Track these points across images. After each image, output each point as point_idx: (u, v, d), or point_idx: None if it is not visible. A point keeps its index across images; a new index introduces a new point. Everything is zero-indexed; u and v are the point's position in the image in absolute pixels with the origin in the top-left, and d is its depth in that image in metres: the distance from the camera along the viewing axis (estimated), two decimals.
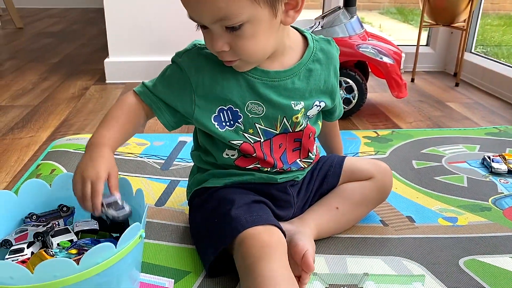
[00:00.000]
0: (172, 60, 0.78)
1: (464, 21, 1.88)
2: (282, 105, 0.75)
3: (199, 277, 0.77)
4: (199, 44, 0.77)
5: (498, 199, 1.03)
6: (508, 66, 1.87)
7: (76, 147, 1.23)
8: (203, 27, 0.68)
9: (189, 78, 0.74)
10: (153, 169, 1.15)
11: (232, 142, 0.76)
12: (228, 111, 0.75)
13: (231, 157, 0.80)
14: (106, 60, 1.94)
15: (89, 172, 0.67)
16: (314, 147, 0.87)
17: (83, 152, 0.72)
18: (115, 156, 0.73)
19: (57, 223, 0.76)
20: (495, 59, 1.98)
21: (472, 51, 2.11)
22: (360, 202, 0.88)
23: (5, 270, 0.55)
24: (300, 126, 0.79)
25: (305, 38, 0.80)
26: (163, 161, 1.18)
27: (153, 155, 1.21)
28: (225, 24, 0.65)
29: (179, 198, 1.02)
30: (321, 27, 1.50)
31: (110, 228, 0.77)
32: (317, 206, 0.88)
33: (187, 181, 0.90)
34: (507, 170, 1.15)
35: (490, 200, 1.03)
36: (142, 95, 0.78)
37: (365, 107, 1.61)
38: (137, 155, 1.21)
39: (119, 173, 1.10)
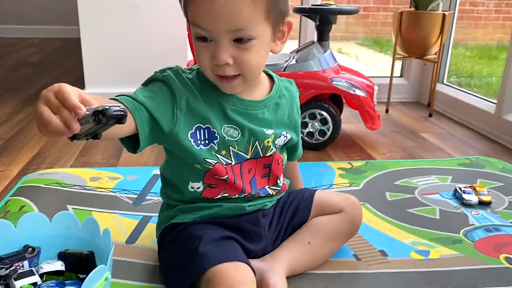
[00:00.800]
0: (153, 78, 0.76)
1: (436, 53, 1.94)
2: (254, 129, 0.78)
3: None
4: (179, 68, 0.77)
5: (469, 231, 1.04)
6: (478, 97, 1.93)
7: (48, 182, 1.20)
8: (204, 40, 0.69)
9: (174, 91, 0.73)
10: (125, 204, 1.13)
11: (206, 160, 0.76)
12: (206, 130, 0.76)
13: (197, 190, 0.80)
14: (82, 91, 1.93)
15: (48, 89, 0.55)
16: (282, 176, 0.88)
17: (55, 187, 0.70)
18: (85, 191, 0.72)
19: (21, 265, 0.74)
20: (466, 90, 2.04)
21: (445, 82, 2.17)
22: (331, 236, 0.88)
23: None
24: (271, 151, 0.82)
25: (269, 76, 0.85)
26: (135, 196, 1.17)
27: (125, 190, 1.20)
28: (238, 35, 0.68)
29: (151, 235, 1.00)
30: (296, 61, 1.53)
31: (77, 269, 0.76)
32: (289, 242, 0.87)
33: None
34: (478, 201, 1.16)
35: (461, 232, 1.04)
36: (125, 101, 0.69)
37: (340, 138, 1.63)
38: (110, 189, 1.20)
39: (90, 209, 1.09)
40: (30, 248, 0.76)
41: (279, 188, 0.87)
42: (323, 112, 1.50)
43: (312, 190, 0.93)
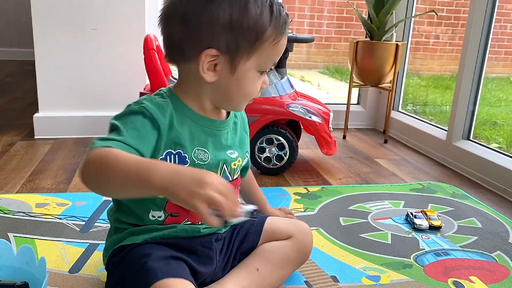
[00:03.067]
0: (131, 111, 0.72)
1: (390, 82, 2.00)
2: (222, 153, 0.79)
3: None
4: (151, 95, 0.77)
5: (420, 256, 1.05)
6: (431, 124, 1.99)
7: None
8: (263, 72, 0.78)
9: (158, 123, 0.72)
10: (71, 231, 1.08)
11: None
12: (176, 155, 0.75)
13: (158, 218, 0.77)
14: (36, 115, 1.88)
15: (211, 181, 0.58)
16: None
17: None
18: (30, 218, 0.68)
19: None
20: (419, 118, 2.11)
21: (399, 109, 2.24)
22: (281, 263, 0.87)
23: None
24: (237, 173, 0.83)
25: None
26: (83, 223, 1.12)
27: (73, 217, 1.15)
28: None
29: (97, 264, 0.96)
30: None
31: None
32: (237, 269, 0.85)
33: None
34: (428, 226, 1.18)
35: (412, 257, 1.05)
36: (118, 146, 0.65)
37: (298, 163, 1.63)
38: (56, 216, 1.15)
39: (33, 237, 1.04)
40: None
41: None
42: (280, 138, 1.51)
43: (264, 216, 0.93)
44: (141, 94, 1.53)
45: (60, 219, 1.14)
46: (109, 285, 0.80)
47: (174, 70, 1.96)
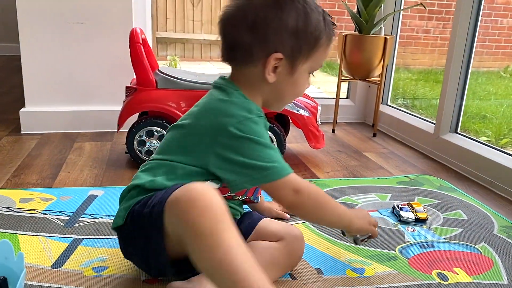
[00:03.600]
0: (253, 121, 0.79)
1: (379, 75, 2.00)
2: None
3: None
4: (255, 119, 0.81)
5: (405, 248, 1.06)
6: (419, 117, 2.00)
7: None
8: (310, 73, 0.87)
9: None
10: (56, 226, 1.07)
11: None
12: None
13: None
14: (22, 110, 1.86)
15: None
16: None
17: None
18: (13, 213, 0.68)
19: None
20: (407, 111, 2.11)
21: (388, 103, 2.24)
22: (268, 265, 0.84)
23: None
24: None
25: None
26: (68, 218, 1.11)
27: (58, 211, 1.14)
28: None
29: (80, 259, 0.95)
30: None
31: None
32: None
33: (122, 206, 0.83)
34: (414, 218, 1.19)
35: (397, 249, 1.05)
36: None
37: (286, 157, 1.62)
38: (40, 211, 1.14)
39: (16, 232, 1.03)
40: None
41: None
42: (268, 132, 1.50)
43: (258, 216, 0.94)
44: (128, 88, 1.51)
45: (44, 214, 1.13)
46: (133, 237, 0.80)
47: (162, 64, 1.94)
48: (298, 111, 1.52)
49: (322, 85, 4.34)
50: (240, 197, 0.89)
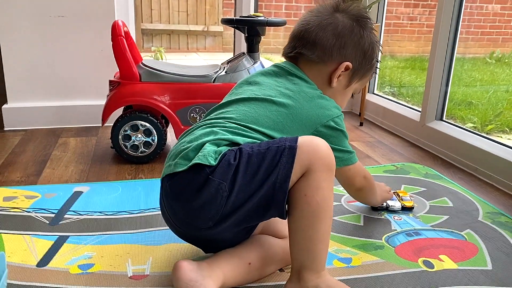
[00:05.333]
0: (341, 117, 0.90)
1: None
2: None
3: None
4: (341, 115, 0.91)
5: (391, 237, 1.07)
6: (405, 105, 2.01)
7: None
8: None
9: None
10: (40, 224, 1.06)
11: None
12: None
13: None
14: (4, 106, 1.83)
15: None
16: None
17: None
18: None
19: None
20: (393, 99, 2.12)
21: (375, 92, 2.24)
22: (271, 261, 0.88)
23: None
24: None
25: None
26: (53, 215, 1.10)
27: (42, 209, 1.13)
28: None
29: (66, 256, 0.94)
30: (225, 72, 1.52)
31: None
32: (230, 256, 0.84)
33: (207, 147, 0.78)
34: (401, 207, 1.20)
35: (383, 238, 1.06)
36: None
37: None
38: (24, 209, 1.12)
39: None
40: None
41: None
42: None
43: None
44: (111, 82, 1.49)
45: (29, 212, 1.11)
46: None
47: (147, 56, 1.92)
48: None
49: None
50: None
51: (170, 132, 1.69)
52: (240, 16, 1.59)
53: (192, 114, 1.49)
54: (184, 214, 0.79)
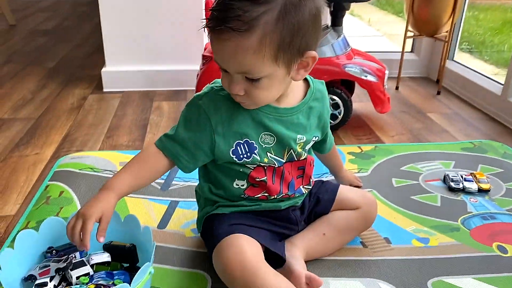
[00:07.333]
0: (191, 102, 0.85)
1: (447, 31, 1.97)
2: (288, 136, 0.86)
3: None
4: (216, 87, 0.85)
5: (467, 219, 1.14)
6: (486, 77, 1.98)
7: (81, 167, 1.31)
8: (224, 71, 0.77)
9: (209, 119, 0.82)
10: (153, 189, 1.24)
11: (247, 166, 0.86)
12: (245, 144, 0.85)
13: (241, 187, 0.89)
14: (103, 69, 2.01)
15: (84, 211, 0.76)
16: (312, 175, 0.98)
17: (88, 172, 0.80)
18: None
19: (74, 255, 0.85)
20: (474, 69, 2.08)
21: (454, 58, 2.21)
22: (345, 230, 0.99)
23: None
24: (303, 155, 0.91)
25: (305, 79, 0.90)
26: (162, 181, 1.28)
27: None
28: (247, 75, 0.75)
29: (180, 220, 1.11)
30: None
31: (120, 259, 0.87)
32: (306, 232, 0.98)
33: (197, 213, 0.99)
34: (477, 189, 1.25)
35: (459, 220, 1.14)
36: (161, 148, 0.86)
37: (351, 118, 1.70)
38: None
39: None
40: (54, 251, 0.86)
41: (310, 187, 0.97)
42: (335, 97, 1.57)
43: (335, 185, 1.03)
44: (204, 56, 1.60)
45: None
46: (208, 250, 0.92)
47: None
48: (366, 76, 1.57)
49: (381, 26, 4.21)
50: (275, 196, 0.90)
51: None
52: None
53: None
54: None
